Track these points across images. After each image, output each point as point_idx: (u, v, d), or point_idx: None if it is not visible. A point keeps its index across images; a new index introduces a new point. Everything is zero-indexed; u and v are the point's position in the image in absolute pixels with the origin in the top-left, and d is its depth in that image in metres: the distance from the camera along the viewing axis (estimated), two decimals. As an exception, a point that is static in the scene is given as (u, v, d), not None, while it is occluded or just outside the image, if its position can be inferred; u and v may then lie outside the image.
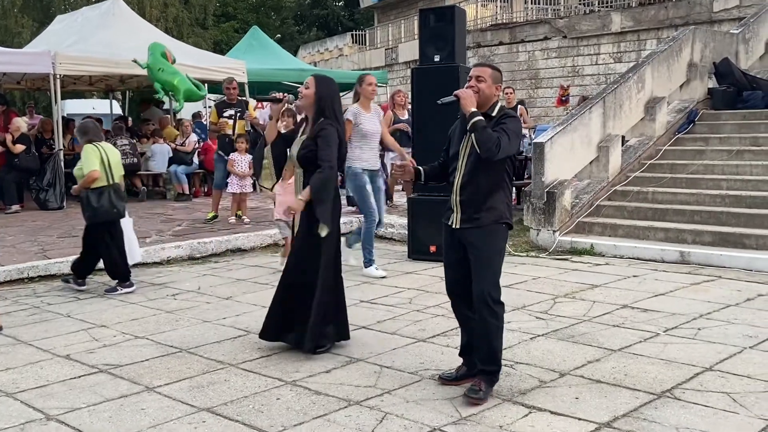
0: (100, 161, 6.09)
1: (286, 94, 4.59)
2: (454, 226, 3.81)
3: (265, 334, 4.54)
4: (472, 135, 3.62)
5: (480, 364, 3.74)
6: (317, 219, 4.32)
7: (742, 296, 5.71)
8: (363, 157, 6.73)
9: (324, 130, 4.39)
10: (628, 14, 19.23)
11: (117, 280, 6.24)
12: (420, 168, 4.06)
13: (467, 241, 3.75)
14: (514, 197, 10.79)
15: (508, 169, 3.78)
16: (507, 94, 11.87)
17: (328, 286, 4.41)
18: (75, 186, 6.41)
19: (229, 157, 9.21)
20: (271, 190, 7.05)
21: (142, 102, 16.66)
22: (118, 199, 6.18)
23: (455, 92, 3.75)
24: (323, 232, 4.32)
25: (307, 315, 4.36)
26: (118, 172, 6.25)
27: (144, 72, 11.46)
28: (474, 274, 3.73)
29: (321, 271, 4.37)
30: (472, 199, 3.73)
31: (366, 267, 6.73)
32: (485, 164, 3.67)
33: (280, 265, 6.13)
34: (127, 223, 6.44)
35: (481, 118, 3.63)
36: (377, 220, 6.78)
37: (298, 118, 8.55)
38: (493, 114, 3.75)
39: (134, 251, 6.56)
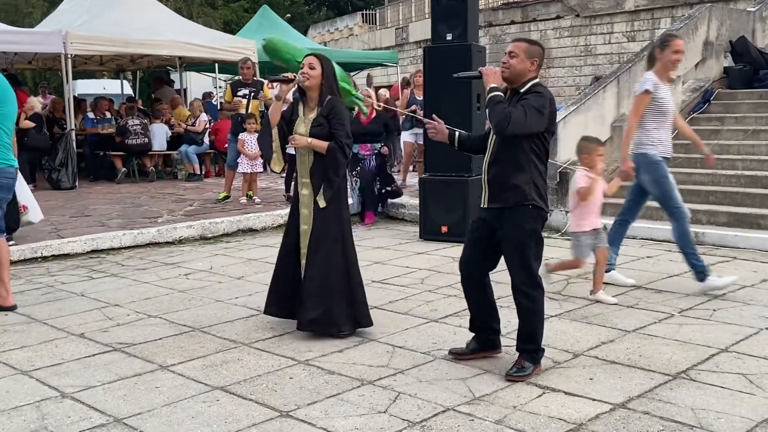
0: None
1: (296, 75, 4.53)
2: (483, 206, 3.79)
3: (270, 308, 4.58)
4: (487, 110, 3.60)
5: (520, 343, 3.76)
6: (321, 188, 4.32)
7: (758, 277, 5.66)
8: (661, 139, 5.38)
9: (335, 108, 4.37)
10: (643, -8, 18.98)
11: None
12: (456, 131, 3.99)
13: (494, 221, 3.72)
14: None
15: (536, 149, 3.63)
16: None
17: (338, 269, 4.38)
18: None
19: (239, 137, 9.20)
20: (280, 173, 6.89)
21: (155, 80, 16.65)
22: None
23: (479, 68, 3.73)
24: (322, 202, 4.33)
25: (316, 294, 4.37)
26: None
27: (155, 52, 11.43)
28: (507, 263, 3.72)
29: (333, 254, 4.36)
30: (497, 178, 3.69)
31: (702, 279, 5.25)
32: (509, 143, 3.60)
33: None
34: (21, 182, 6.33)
35: (497, 93, 3.58)
36: (688, 215, 5.43)
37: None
38: (522, 90, 3.65)
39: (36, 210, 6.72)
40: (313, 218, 4.40)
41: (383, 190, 8.71)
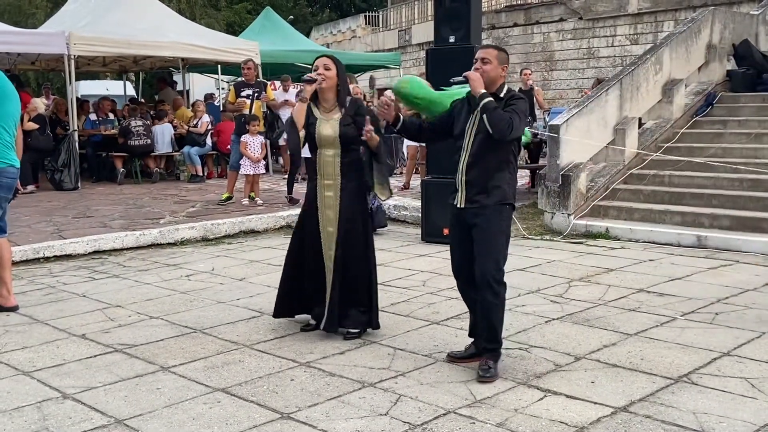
0: None
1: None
2: (458, 206, 3.84)
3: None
4: (484, 116, 3.65)
5: (484, 342, 3.80)
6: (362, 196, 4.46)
7: (761, 281, 5.65)
8: None
9: (362, 108, 4.45)
10: (646, -5, 18.97)
11: None
12: (400, 115, 4.11)
13: (471, 221, 3.78)
14: (528, 180, 10.75)
15: (514, 150, 3.82)
16: (525, 75, 11.76)
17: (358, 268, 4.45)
18: None
19: (242, 139, 9.21)
20: None
21: (158, 81, 16.67)
22: None
23: (465, 74, 3.78)
24: (387, 194, 4.50)
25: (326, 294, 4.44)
26: None
27: (158, 53, 11.39)
28: (477, 254, 3.77)
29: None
30: (478, 179, 3.76)
31: None
32: (492, 144, 3.71)
33: None
34: None
35: (491, 99, 3.67)
36: None
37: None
38: (501, 95, 3.77)
39: None
40: (339, 220, 4.39)
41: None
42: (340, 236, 4.39)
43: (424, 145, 9.38)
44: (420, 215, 7.75)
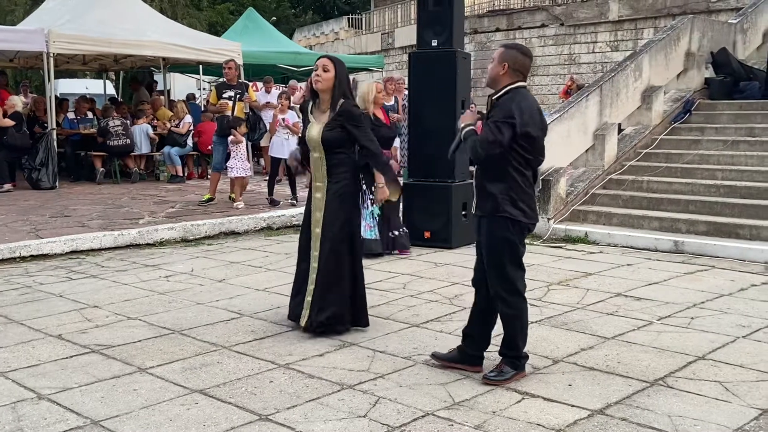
0: None
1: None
2: (473, 212, 3.91)
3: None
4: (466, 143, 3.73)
5: (502, 347, 3.80)
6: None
7: (736, 286, 5.73)
8: None
9: (350, 111, 4.38)
10: (626, 2, 19.16)
11: None
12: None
13: (479, 230, 3.82)
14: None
15: (514, 160, 3.63)
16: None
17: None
18: None
19: (238, 143, 9.09)
20: None
21: (131, 82, 16.48)
22: None
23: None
24: (395, 197, 4.56)
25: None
26: None
27: (138, 52, 11.28)
28: (485, 266, 3.78)
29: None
30: (478, 187, 3.79)
31: None
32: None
33: None
34: None
35: (468, 128, 3.71)
36: None
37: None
38: (494, 98, 3.71)
39: None
40: (323, 221, 4.43)
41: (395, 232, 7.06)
42: (325, 237, 4.41)
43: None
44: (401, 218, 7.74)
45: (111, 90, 19.07)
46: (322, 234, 4.43)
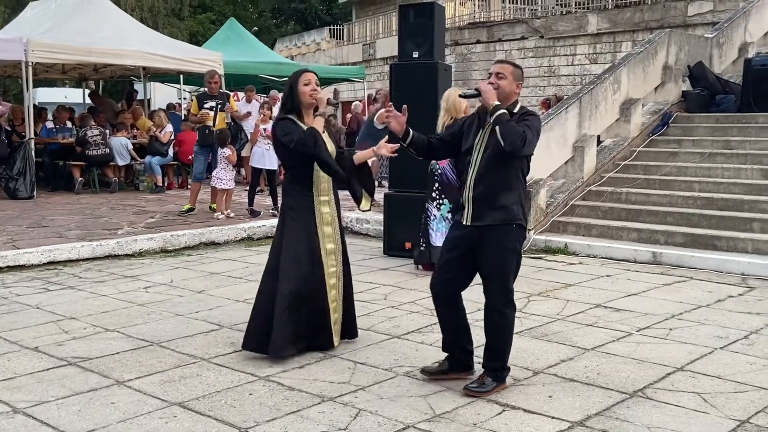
0: None
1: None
2: (464, 223, 3.73)
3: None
4: (497, 128, 3.55)
5: (485, 360, 3.77)
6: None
7: (713, 297, 5.79)
8: None
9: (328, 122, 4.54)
10: (605, 16, 19.38)
11: None
12: (410, 129, 3.90)
13: (478, 239, 3.68)
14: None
15: (523, 170, 3.71)
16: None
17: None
18: None
19: (230, 154, 9.07)
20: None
21: (92, 95, 15.92)
22: None
23: (477, 85, 3.69)
24: (368, 206, 4.41)
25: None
26: None
27: (118, 61, 11.22)
28: (485, 275, 3.71)
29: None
30: (485, 196, 3.66)
31: None
32: (500, 161, 3.61)
33: None
34: None
35: (505, 111, 3.59)
36: None
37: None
38: (515, 111, 3.69)
39: None
40: (340, 235, 4.42)
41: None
42: (339, 250, 4.41)
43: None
44: (382, 228, 7.76)
45: (89, 100, 18.91)
46: (339, 248, 4.40)
